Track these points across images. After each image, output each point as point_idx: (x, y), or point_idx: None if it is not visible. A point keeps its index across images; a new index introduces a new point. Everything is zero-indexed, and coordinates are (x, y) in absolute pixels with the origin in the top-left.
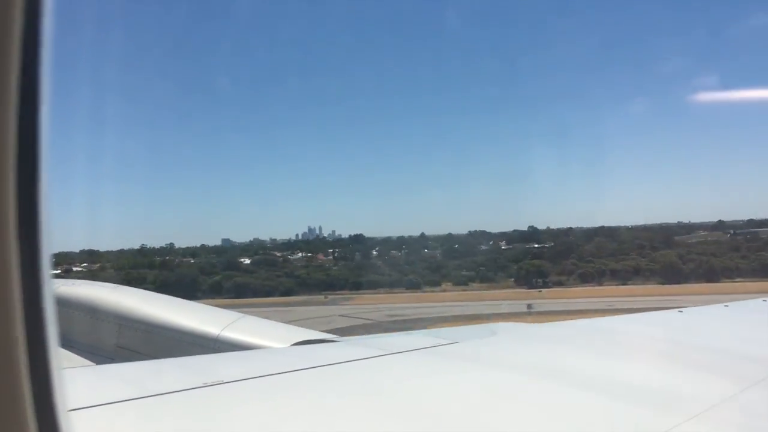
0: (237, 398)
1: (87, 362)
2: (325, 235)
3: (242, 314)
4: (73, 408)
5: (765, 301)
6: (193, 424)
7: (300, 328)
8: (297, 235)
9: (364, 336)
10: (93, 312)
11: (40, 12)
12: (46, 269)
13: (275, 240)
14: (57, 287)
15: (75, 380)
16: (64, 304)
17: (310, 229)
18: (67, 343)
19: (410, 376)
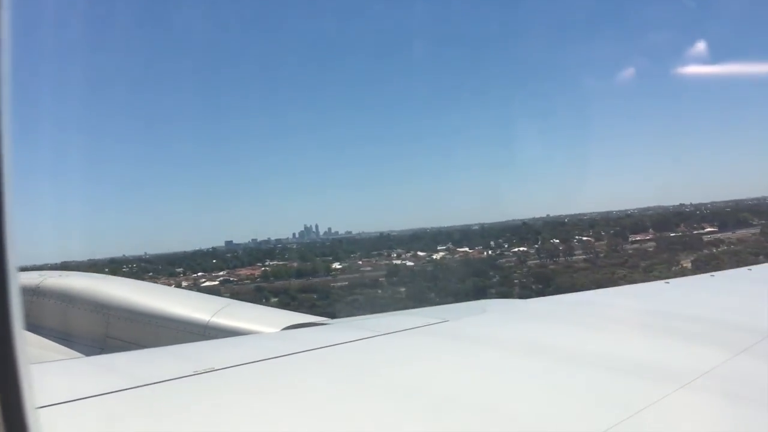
0: (229, 385)
1: (76, 354)
2: (321, 233)
3: (231, 300)
4: (60, 401)
5: (750, 270)
6: (186, 412)
7: (289, 312)
8: (294, 234)
9: (354, 318)
10: (82, 302)
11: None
12: (11, 261)
13: (280, 240)
14: (44, 279)
15: (64, 372)
16: (52, 295)
17: (306, 228)
18: (55, 334)
19: (401, 356)
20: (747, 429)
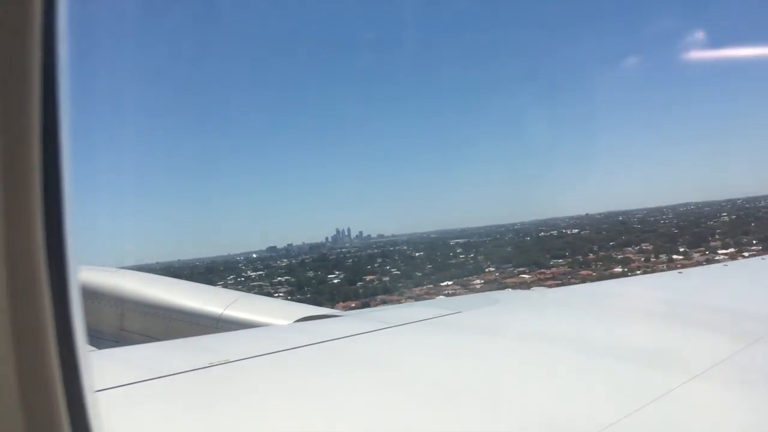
0: (244, 376)
1: (91, 347)
2: (353, 236)
3: (243, 293)
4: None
5: (764, 259)
6: (203, 403)
7: (302, 305)
8: (327, 239)
9: (366, 309)
10: (95, 296)
11: (57, 15)
12: (72, 256)
13: (326, 244)
14: None
15: None
16: None
17: (338, 231)
18: None
19: (415, 347)
20: (762, 419)
